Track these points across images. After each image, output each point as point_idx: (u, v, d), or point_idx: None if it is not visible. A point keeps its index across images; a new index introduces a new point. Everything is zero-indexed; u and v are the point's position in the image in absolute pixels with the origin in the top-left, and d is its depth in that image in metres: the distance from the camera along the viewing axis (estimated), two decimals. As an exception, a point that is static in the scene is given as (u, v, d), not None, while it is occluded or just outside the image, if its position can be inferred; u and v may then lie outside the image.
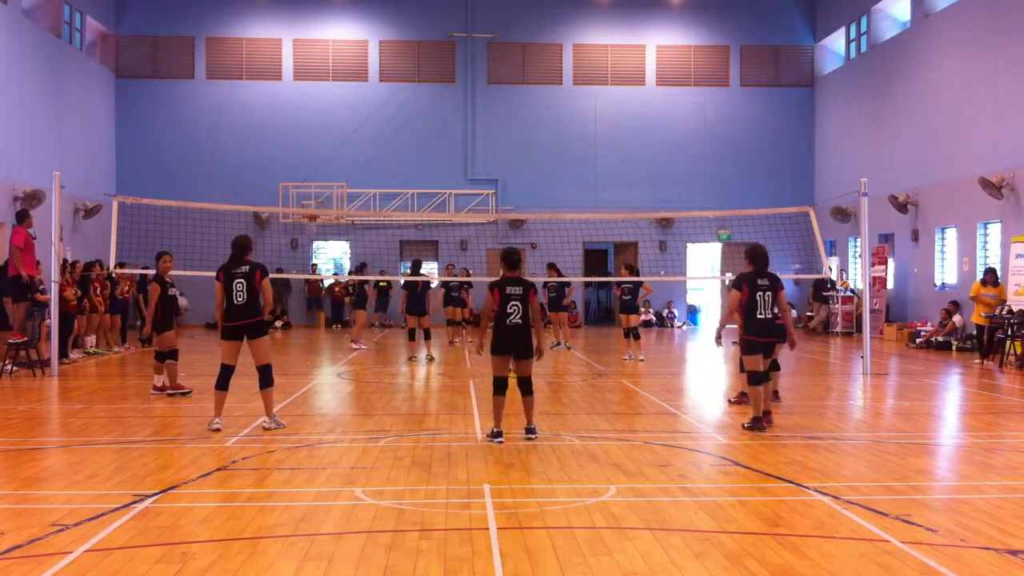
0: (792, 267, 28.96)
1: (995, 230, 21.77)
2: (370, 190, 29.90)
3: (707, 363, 19.36)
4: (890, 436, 10.37)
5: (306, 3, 30.91)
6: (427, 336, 18.82)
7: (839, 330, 26.86)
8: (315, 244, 31.25)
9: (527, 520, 6.76)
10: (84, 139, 27.93)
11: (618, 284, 19.45)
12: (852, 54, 29.54)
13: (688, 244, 31.30)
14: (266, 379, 10.39)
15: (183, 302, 19.80)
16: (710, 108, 31.48)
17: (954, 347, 21.10)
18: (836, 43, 30.87)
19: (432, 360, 18.52)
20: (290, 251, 30.51)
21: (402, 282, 20.58)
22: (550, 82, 31.29)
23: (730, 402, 12.63)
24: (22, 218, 17.00)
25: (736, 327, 11.60)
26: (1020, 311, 17.64)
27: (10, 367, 15.69)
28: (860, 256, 23.23)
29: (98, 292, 19.59)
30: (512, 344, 9.71)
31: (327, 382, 15.52)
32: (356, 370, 17.30)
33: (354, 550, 6.08)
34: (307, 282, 29.94)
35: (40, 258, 17.77)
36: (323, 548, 6.12)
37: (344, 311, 28.99)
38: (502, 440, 9.69)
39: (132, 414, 11.70)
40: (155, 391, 13.37)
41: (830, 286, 27.18)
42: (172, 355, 13.24)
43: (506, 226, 30.59)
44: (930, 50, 24.59)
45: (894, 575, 5.62)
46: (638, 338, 18.77)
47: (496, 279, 10.03)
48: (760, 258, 10.70)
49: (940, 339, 21.60)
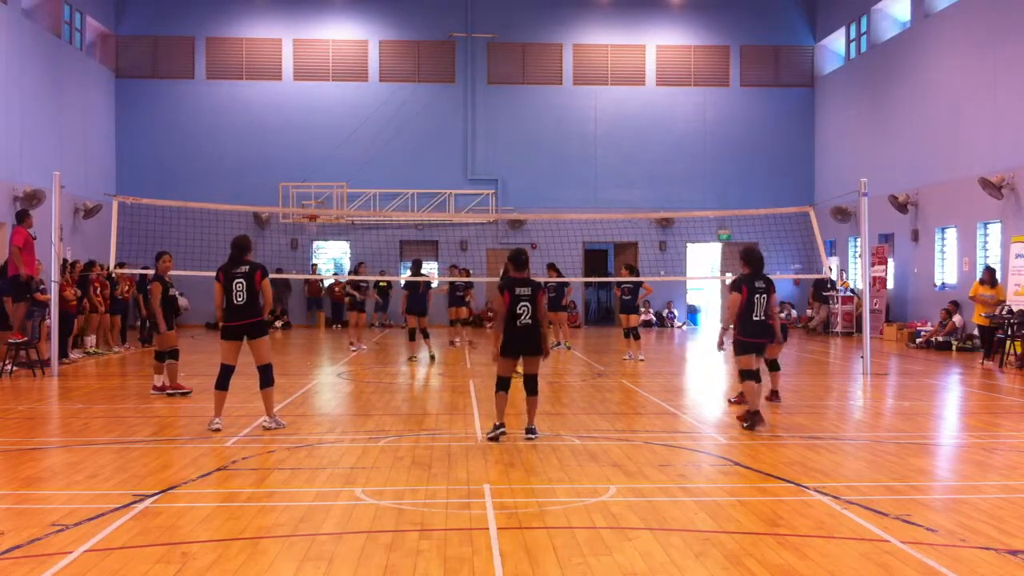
0: (792, 267, 28.97)
1: (995, 230, 21.77)
2: (370, 190, 29.90)
3: (707, 363, 19.38)
4: (890, 436, 10.37)
5: (306, 3, 30.91)
6: (425, 336, 18.83)
7: (839, 330, 26.86)
8: (315, 244, 31.25)
9: (527, 520, 6.76)
10: (84, 139, 27.93)
11: (618, 284, 19.45)
12: (852, 54, 29.53)
13: (688, 244, 31.31)
14: (267, 379, 10.39)
15: (183, 302, 19.78)
16: (710, 108, 31.47)
17: (954, 347, 21.10)
18: (836, 43, 30.87)
19: (434, 359, 18.53)
20: (290, 251, 30.52)
21: (402, 282, 20.56)
22: (550, 82, 31.29)
23: (730, 402, 12.62)
24: (22, 218, 16.99)
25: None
26: (1020, 311, 17.64)
27: (10, 367, 15.69)
28: (860, 256, 23.23)
29: (98, 292, 19.60)
30: (522, 345, 9.83)
31: (327, 382, 15.52)
32: (356, 370, 17.30)
33: (354, 550, 6.08)
34: (307, 282, 29.94)
35: (40, 258, 17.76)
36: (323, 548, 6.11)
37: (344, 311, 28.94)
38: (504, 431, 9.82)
39: (132, 414, 11.70)
40: (155, 391, 13.38)
41: (830, 286, 27.17)
42: (173, 355, 13.24)
43: (506, 226, 30.58)
44: (930, 50, 24.59)
45: (894, 575, 5.62)
46: (638, 338, 18.78)
47: (504, 280, 10.07)
48: (756, 260, 10.96)
49: (940, 339, 21.60)
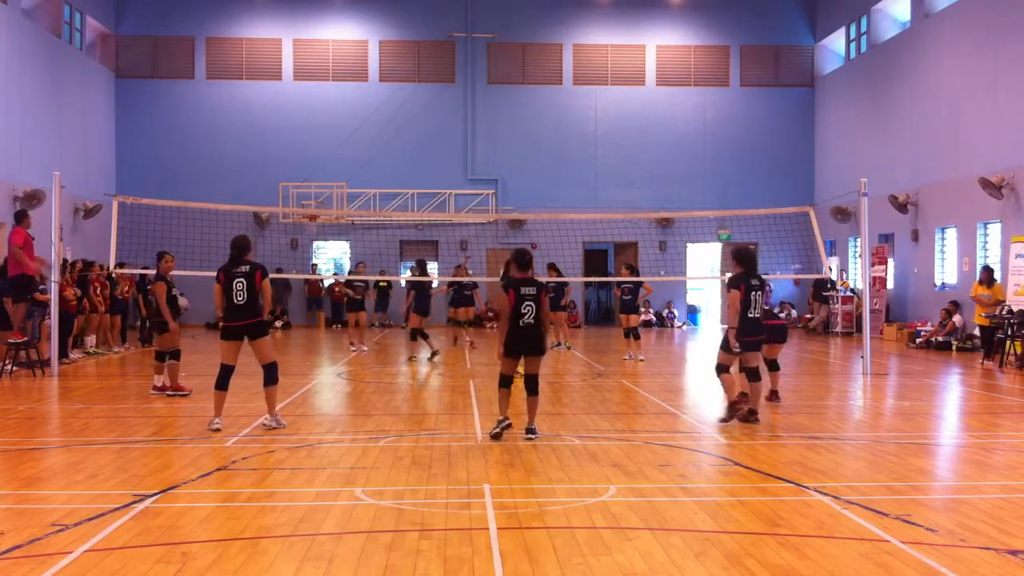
0: (792, 267, 28.98)
1: (995, 230, 21.77)
2: (370, 190, 29.90)
3: (707, 363, 19.36)
4: (890, 436, 10.37)
5: (306, 3, 30.91)
6: (424, 336, 18.84)
7: (839, 330, 26.85)
8: (315, 244, 31.25)
9: (527, 520, 6.76)
10: (84, 139, 27.93)
11: (618, 284, 19.45)
12: (852, 54, 29.53)
13: (688, 244, 31.30)
14: (271, 377, 10.38)
15: (183, 302, 19.77)
16: (710, 108, 31.47)
17: (954, 347, 21.10)
18: (836, 43, 30.87)
19: (437, 353, 18.60)
20: (290, 251, 30.51)
21: (402, 282, 20.53)
22: (550, 82, 31.29)
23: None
24: (21, 218, 16.98)
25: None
26: (1020, 311, 17.63)
27: (10, 367, 15.68)
28: (860, 256, 23.22)
29: (98, 292, 19.59)
30: (524, 344, 9.87)
31: (327, 382, 15.52)
32: (356, 370, 17.30)
33: (354, 550, 6.08)
34: (307, 282, 29.94)
35: (40, 257, 17.74)
36: (323, 548, 6.11)
37: (344, 311, 28.91)
38: (509, 424, 9.89)
39: (132, 414, 11.69)
40: (155, 391, 13.37)
41: (830, 286, 27.17)
42: (174, 355, 13.25)
43: (506, 226, 30.58)
44: (930, 50, 24.59)
45: (894, 575, 5.62)
46: (638, 338, 18.79)
47: (509, 279, 10.09)
48: (749, 259, 11.11)
49: (940, 339, 21.59)
